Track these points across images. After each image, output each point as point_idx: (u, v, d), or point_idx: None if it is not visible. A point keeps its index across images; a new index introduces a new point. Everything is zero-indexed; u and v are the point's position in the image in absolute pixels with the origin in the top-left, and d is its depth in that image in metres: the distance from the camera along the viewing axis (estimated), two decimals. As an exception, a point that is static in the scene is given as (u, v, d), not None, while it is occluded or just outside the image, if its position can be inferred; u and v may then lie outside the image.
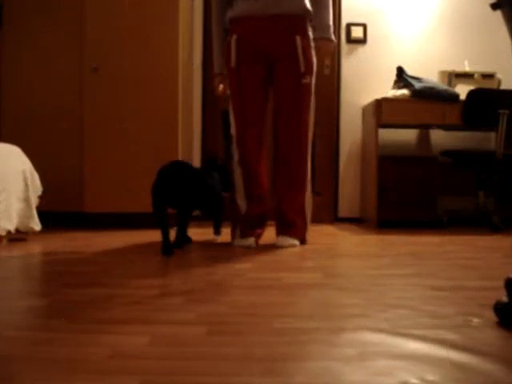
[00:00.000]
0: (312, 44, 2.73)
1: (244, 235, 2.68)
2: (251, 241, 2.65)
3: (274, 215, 2.77)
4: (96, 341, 1.16)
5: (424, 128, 4.09)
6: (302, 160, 2.71)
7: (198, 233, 3.42)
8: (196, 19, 4.12)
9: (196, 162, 4.12)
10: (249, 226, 2.71)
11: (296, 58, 2.66)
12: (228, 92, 2.80)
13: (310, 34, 2.73)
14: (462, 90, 3.66)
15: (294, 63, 2.66)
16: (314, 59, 2.74)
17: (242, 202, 2.74)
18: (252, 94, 2.70)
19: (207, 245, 2.77)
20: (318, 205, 3.90)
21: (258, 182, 2.74)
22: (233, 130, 2.76)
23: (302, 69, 2.66)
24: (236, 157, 2.75)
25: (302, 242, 2.73)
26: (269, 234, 2.90)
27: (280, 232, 2.71)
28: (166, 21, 3.44)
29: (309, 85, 2.70)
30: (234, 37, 2.67)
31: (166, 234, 2.36)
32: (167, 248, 2.35)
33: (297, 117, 2.69)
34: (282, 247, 2.62)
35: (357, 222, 4.12)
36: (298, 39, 2.65)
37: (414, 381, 0.94)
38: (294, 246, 2.65)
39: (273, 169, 2.77)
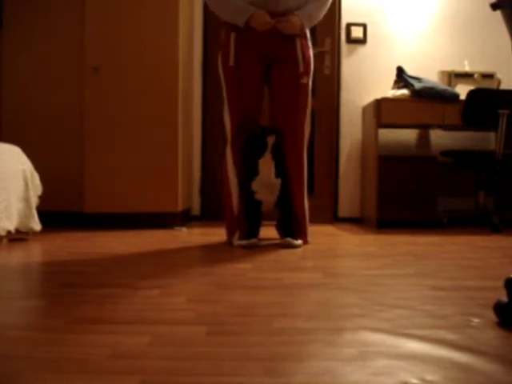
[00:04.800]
0: (310, 44, 2.74)
1: (243, 237, 2.64)
2: (253, 241, 2.62)
3: (276, 216, 2.77)
4: (96, 341, 1.16)
5: (424, 128, 4.09)
6: (300, 160, 2.71)
7: (198, 233, 3.43)
8: (196, 19, 4.12)
9: (196, 161, 4.12)
10: (244, 225, 2.68)
11: (295, 58, 2.66)
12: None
13: (308, 34, 2.74)
14: (462, 90, 3.66)
15: (293, 63, 2.66)
16: (312, 60, 2.74)
17: (236, 203, 2.72)
18: (250, 95, 2.68)
19: (207, 245, 2.77)
20: (318, 205, 3.90)
21: None
22: (228, 131, 2.73)
23: (301, 69, 2.67)
24: (230, 157, 2.73)
25: (305, 243, 2.73)
26: (269, 234, 2.90)
27: (288, 233, 2.68)
28: (166, 21, 3.44)
29: (306, 85, 2.71)
30: (233, 35, 2.65)
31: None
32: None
33: (294, 116, 2.68)
34: (289, 247, 2.60)
35: (357, 222, 4.12)
36: (298, 40, 2.66)
37: (414, 381, 0.94)
38: (299, 246, 2.64)
39: None
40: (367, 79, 4.18)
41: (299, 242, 2.66)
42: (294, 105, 2.69)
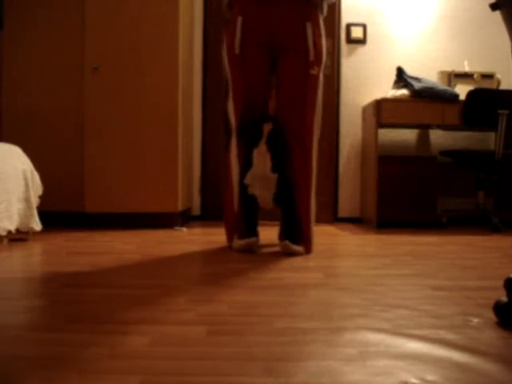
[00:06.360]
0: (323, 33, 2.54)
1: (242, 236, 2.47)
2: (252, 240, 2.45)
3: (280, 217, 2.54)
4: (96, 341, 1.16)
5: (424, 128, 4.09)
6: (307, 160, 2.50)
7: (198, 233, 3.43)
8: (196, 19, 4.12)
9: (196, 161, 4.13)
10: (242, 223, 2.49)
11: (305, 46, 2.45)
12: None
13: (321, 22, 2.54)
14: (462, 90, 3.66)
15: (303, 52, 2.45)
16: (324, 50, 2.54)
17: (237, 202, 2.53)
18: (255, 85, 2.48)
19: (207, 245, 2.77)
20: (318, 205, 3.90)
21: None
22: (232, 123, 2.53)
23: (311, 58, 2.45)
24: (235, 151, 2.54)
25: (308, 251, 2.47)
26: (270, 234, 2.90)
27: (287, 238, 2.43)
28: (166, 21, 3.44)
29: (317, 76, 2.49)
30: (240, 19, 2.45)
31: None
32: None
33: (301, 110, 2.46)
34: (288, 253, 2.39)
35: (357, 222, 4.12)
36: (309, 26, 2.45)
37: (413, 381, 0.94)
38: (299, 253, 2.41)
39: None
40: (367, 79, 4.18)
41: (300, 248, 2.41)
42: (301, 97, 2.46)
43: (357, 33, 4.15)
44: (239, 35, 2.44)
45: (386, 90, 3.98)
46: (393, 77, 3.92)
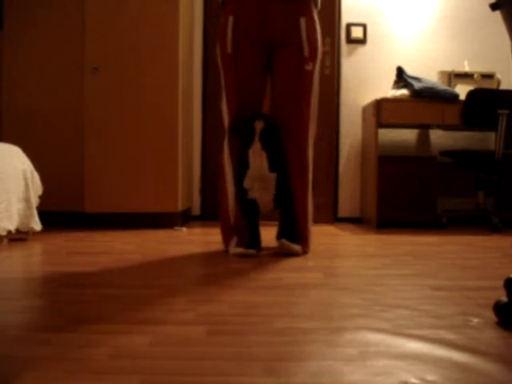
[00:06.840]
0: (317, 28, 2.47)
1: (242, 244, 2.39)
2: (250, 252, 2.36)
3: (279, 216, 2.52)
4: (96, 341, 1.16)
5: (424, 128, 4.09)
6: (303, 157, 2.45)
7: (198, 233, 3.43)
8: (196, 18, 4.12)
9: (196, 161, 4.13)
10: (243, 230, 2.43)
11: (299, 42, 2.39)
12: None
13: (316, 17, 2.47)
14: (462, 90, 3.66)
15: (297, 47, 2.40)
16: (320, 45, 2.48)
17: (232, 204, 2.48)
18: (249, 83, 2.43)
19: (207, 245, 2.77)
20: (318, 205, 3.91)
21: None
22: (226, 123, 2.49)
23: (306, 53, 2.40)
24: (227, 150, 2.49)
25: (306, 251, 2.46)
26: (269, 234, 2.89)
27: (285, 237, 2.41)
28: (166, 21, 3.44)
29: (312, 72, 2.43)
30: (231, 18, 2.40)
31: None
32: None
33: (296, 107, 2.42)
34: (286, 253, 2.38)
35: (357, 222, 4.12)
36: (303, 21, 2.39)
37: (413, 381, 0.94)
38: (297, 252, 2.40)
39: None
40: (367, 79, 4.18)
41: (297, 247, 2.40)
42: (296, 94, 2.41)
43: (357, 33, 4.15)
44: (231, 34, 2.41)
45: (386, 89, 3.98)
46: (393, 77, 3.92)
